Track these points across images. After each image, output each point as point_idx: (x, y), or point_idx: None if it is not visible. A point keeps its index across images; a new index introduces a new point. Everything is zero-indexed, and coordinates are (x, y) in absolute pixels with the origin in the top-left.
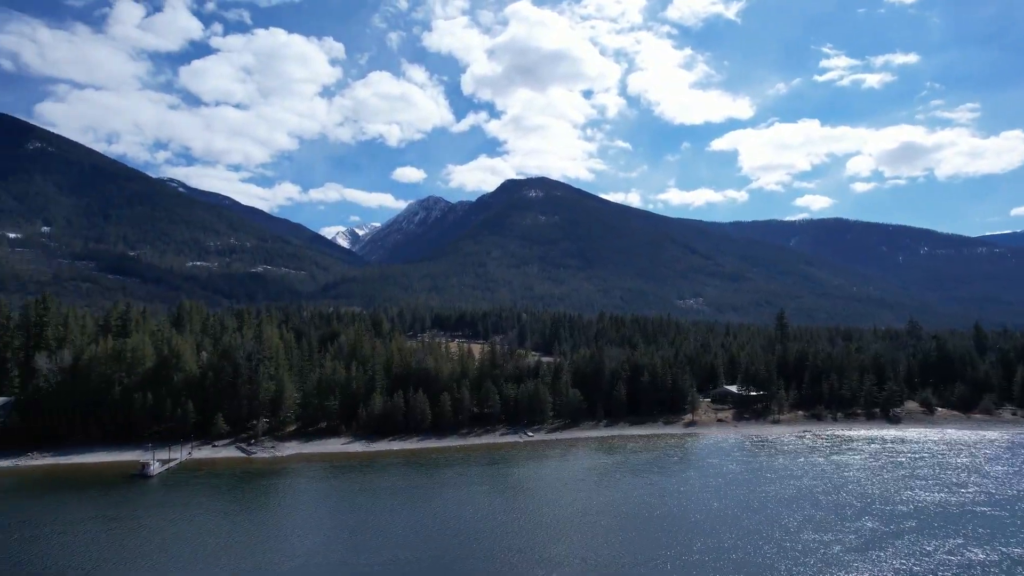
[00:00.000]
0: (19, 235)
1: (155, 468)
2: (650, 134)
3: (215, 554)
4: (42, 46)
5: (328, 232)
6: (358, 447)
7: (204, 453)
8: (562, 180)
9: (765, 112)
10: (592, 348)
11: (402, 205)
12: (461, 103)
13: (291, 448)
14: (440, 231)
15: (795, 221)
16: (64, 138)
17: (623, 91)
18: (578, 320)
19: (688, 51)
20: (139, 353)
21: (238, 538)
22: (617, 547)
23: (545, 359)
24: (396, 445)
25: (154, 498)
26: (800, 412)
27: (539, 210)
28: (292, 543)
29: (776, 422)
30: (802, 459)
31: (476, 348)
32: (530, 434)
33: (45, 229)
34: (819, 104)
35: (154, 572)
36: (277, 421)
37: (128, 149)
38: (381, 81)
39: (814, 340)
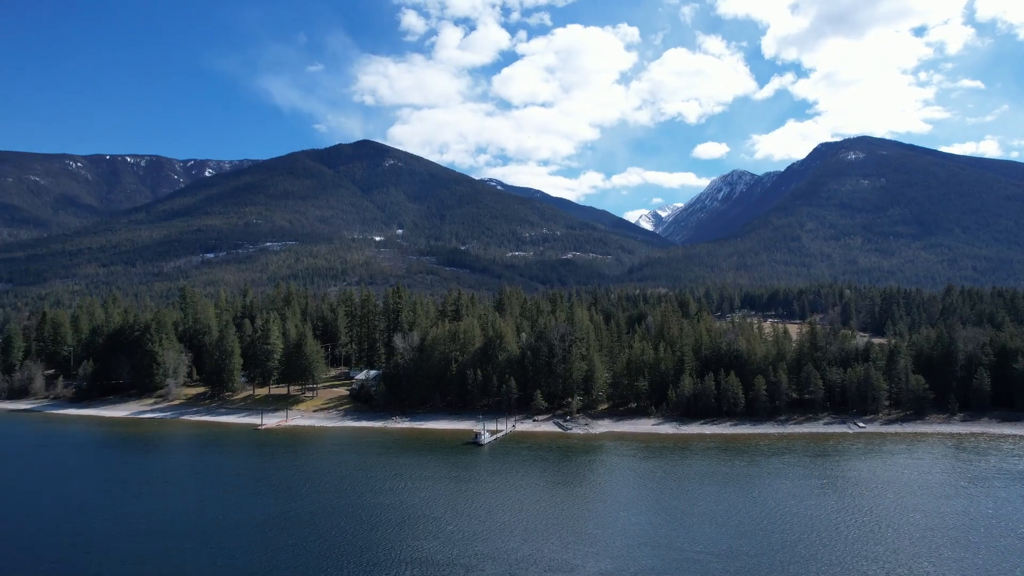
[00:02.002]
0: (382, 238)
1: (486, 437)
2: (1012, 66)
3: (551, 522)
4: (391, 79)
5: (631, 216)
6: (668, 429)
7: (526, 426)
8: (888, 137)
9: None
10: (938, 328)
11: (704, 183)
12: (763, 68)
13: (603, 426)
14: (746, 206)
15: None
16: (409, 154)
17: (970, 19)
18: (916, 295)
19: None
20: (469, 334)
21: (568, 509)
22: None
23: (876, 340)
24: (708, 429)
25: (488, 464)
26: None
27: (860, 173)
28: (619, 520)
29: None
30: None
31: (792, 328)
32: (861, 425)
33: (399, 232)
34: None
35: (502, 531)
36: (590, 399)
37: (456, 157)
38: (677, 58)
39: None
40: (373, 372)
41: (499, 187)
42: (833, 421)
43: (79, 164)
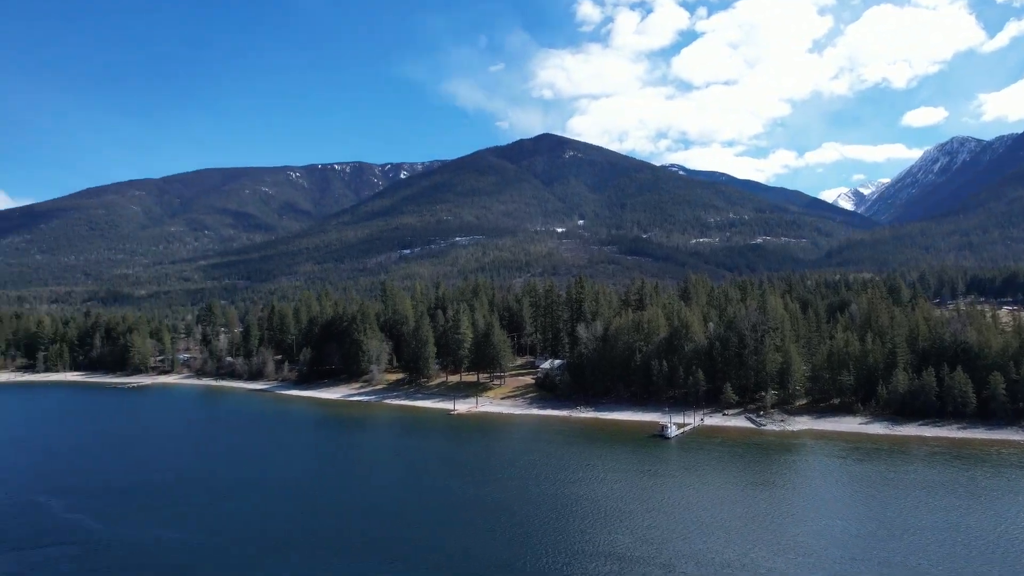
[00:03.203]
0: (564, 229)
1: (672, 431)
2: None
3: (754, 526)
4: (568, 71)
5: (828, 195)
6: (878, 429)
7: (715, 420)
8: None
9: None
10: None
11: (916, 154)
12: (994, 13)
13: (801, 423)
14: (969, 177)
15: None
16: (589, 144)
17: None
18: None
19: None
20: (654, 324)
21: (772, 513)
22: None
23: None
24: (928, 431)
25: (678, 459)
26: None
27: None
28: (834, 529)
29: None
30: None
31: None
32: None
33: (580, 222)
34: None
35: (701, 531)
36: (785, 394)
37: (635, 144)
38: (880, 16)
39: None
40: (557, 361)
41: (681, 172)
42: None
43: (297, 174)
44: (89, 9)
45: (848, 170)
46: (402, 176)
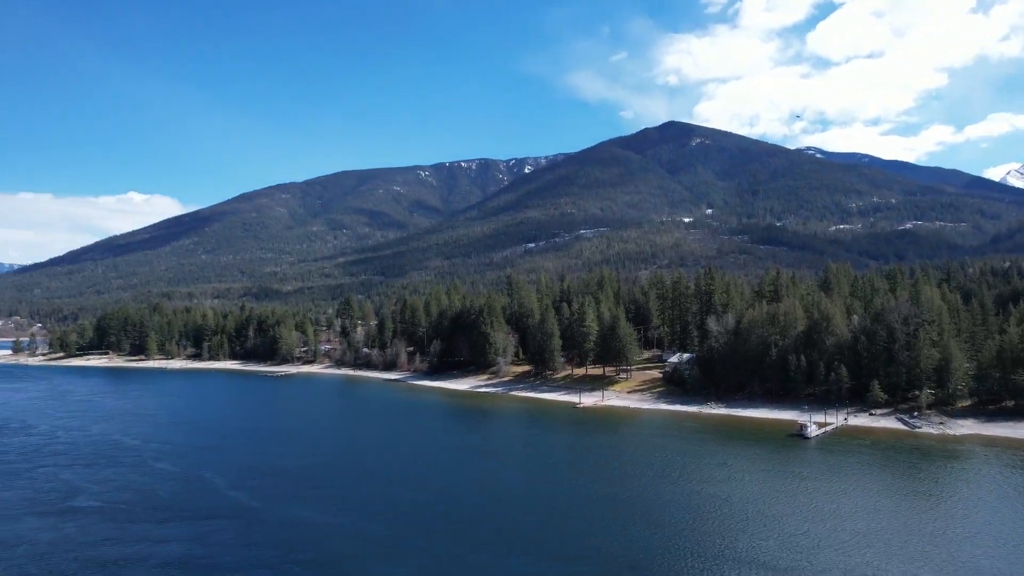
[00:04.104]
0: (691, 219)
1: (812, 430)
2: None
3: (919, 540)
4: (695, 56)
5: (994, 173)
6: None
7: (860, 420)
8: None
9: None
10: None
11: None
12: None
13: (965, 427)
14: None
15: None
16: (717, 130)
17: None
18: None
19: None
20: (791, 317)
21: (940, 527)
22: None
23: None
24: None
25: (821, 461)
26: None
27: None
28: (1018, 553)
29: None
30: None
31: None
32: None
33: (708, 211)
34: None
35: (856, 541)
36: (944, 394)
37: (767, 127)
38: None
39: None
40: (686, 355)
41: (818, 155)
42: None
43: (426, 173)
44: (243, 30)
45: (1021, 143)
46: (526, 171)
